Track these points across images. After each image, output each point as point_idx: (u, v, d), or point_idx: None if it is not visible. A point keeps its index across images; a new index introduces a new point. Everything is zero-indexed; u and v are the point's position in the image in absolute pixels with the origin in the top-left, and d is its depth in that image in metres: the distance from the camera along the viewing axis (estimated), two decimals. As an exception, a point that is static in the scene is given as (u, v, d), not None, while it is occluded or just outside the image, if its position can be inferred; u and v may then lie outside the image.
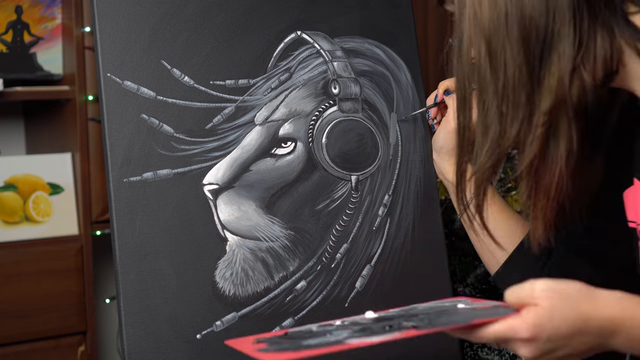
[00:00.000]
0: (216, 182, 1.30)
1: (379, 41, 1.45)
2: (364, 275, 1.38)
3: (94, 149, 2.04)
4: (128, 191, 1.25)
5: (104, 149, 1.25)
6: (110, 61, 1.26)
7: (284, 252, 1.33)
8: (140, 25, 1.28)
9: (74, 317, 2.02)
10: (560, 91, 0.91)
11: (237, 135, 1.33)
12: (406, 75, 1.46)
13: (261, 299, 1.31)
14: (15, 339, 1.97)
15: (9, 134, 2.25)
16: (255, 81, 1.35)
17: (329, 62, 1.40)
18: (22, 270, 1.96)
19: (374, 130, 1.42)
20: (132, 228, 1.24)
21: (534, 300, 0.89)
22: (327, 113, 1.39)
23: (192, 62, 1.31)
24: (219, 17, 1.33)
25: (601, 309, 0.88)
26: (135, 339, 1.22)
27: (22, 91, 2.02)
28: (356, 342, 0.89)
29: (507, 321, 0.88)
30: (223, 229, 1.30)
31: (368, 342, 0.89)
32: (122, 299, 1.22)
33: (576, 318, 0.88)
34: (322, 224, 1.36)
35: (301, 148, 1.36)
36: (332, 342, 0.90)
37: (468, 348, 1.73)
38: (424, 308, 1.02)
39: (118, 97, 1.26)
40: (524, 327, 0.87)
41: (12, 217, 2.00)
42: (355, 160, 1.39)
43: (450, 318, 0.93)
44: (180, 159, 1.28)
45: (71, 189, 2.06)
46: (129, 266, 1.23)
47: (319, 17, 1.41)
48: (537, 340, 0.87)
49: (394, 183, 1.42)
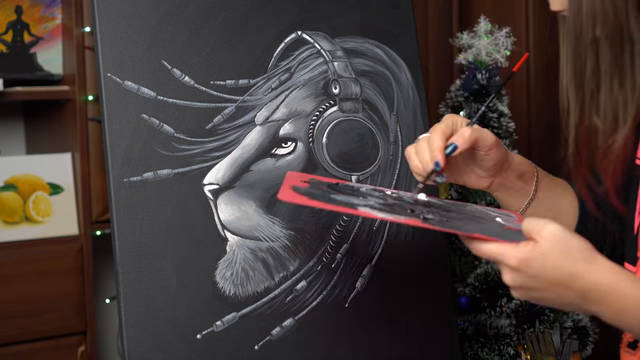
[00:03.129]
0: (216, 182, 1.30)
1: (380, 41, 1.45)
2: (364, 275, 1.38)
3: (94, 149, 2.04)
4: (128, 191, 1.24)
5: (104, 149, 1.25)
6: (110, 61, 1.26)
7: (284, 252, 1.33)
8: (141, 25, 1.28)
9: (74, 317, 2.02)
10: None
11: (238, 135, 1.32)
12: (406, 75, 1.46)
13: (261, 299, 1.31)
14: (15, 339, 1.96)
15: (9, 134, 2.25)
16: (256, 81, 1.35)
17: (329, 62, 1.40)
18: (22, 270, 1.96)
19: (375, 130, 1.42)
20: (132, 228, 1.24)
21: (539, 237, 0.91)
22: (328, 113, 1.39)
23: (192, 62, 1.31)
24: (219, 17, 1.33)
25: (592, 273, 0.90)
26: (135, 339, 1.22)
27: (22, 91, 2.02)
28: (363, 211, 0.96)
29: (502, 245, 0.92)
30: (223, 229, 1.30)
31: (372, 214, 0.96)
32: (122, 299, 1.22)
33: (566, 271, 0.90)
34: (322, 224, 1.36)
35: (301, 148, 1.36)
36: (342, 202, 0.98)
37: (468, 348, 1.73)
38: (469, 209, 1.06)
39: (118, 97, 1.26)
40: (514, 255, 0.90)
41: (12, 217, 1.99)
42: (356, 160, 1.39)
43: (463, 225, 0.97)
44: (180, 159, 1.28)
45: (71, 189, 2.06)
46: (129, 266, 1.23)
47: (320, 17, 1.41)
48: (521, 272, 0.90)
49: (394, 183, 1.42)
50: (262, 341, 1.30)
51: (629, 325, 0.91)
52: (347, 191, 1.05)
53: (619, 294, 0.89)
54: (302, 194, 0.99)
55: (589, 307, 0.91)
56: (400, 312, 1.40)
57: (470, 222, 0.99)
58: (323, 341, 1.34)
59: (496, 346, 1.72)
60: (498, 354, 1.72)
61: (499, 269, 0.94)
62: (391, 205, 1.01)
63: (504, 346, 1.72)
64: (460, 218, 1.01)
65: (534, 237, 0.91)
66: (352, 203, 0.99)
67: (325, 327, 1.34)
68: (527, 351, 1.64)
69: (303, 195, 0.99)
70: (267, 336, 1.30)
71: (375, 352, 1.37)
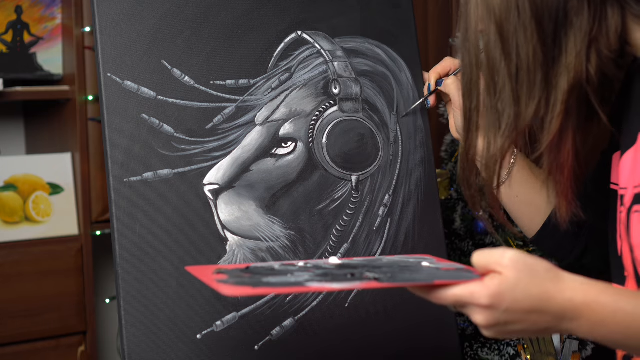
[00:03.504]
0: (216, 182, 1.30)
1: (380, 41, 1.45)
2: (364, 275, 1.38)
3: (94, 149, 2.04)
4: (128, 191, 1.25)
5: (104, 149, 1.25)
6: (110, 61, 1.26)
7: (284, 252, 1.33)
8: (141, 25, 1.28)
9: (74, 317, 2.02)
10: (578, 67, 0.91)
11: (238, 135, 1.32)
12: (407, 75, 1.46)
13: (261, 299, 1.31)
14: (15, 339, 1.96)
15: (9, 134, 2.25)
16: (256, 81, 1.35)
17: (329, 62, 1.40)
18: (22, 270, 1.96)
19: (375, 130, 1.42)
20: (132, 228, 1.24)
21: (501, 268, 0.87)
22: (328, 113, 1.39)
23: (192, 62, 1.31)
24: (219, 17, 1.33)
25: (565, 291, 0.88)
26: (135, 339, 1.22)
27: (22, 91, 2.02)
28: (316, 286, 0.87)
29: (468, 285, 0.87)
30: (223, 229, 1.30)
31: (328, 287, 0.88)
32: (122, 299, 1.22)
33: (538, 295, 0.87)
34: (322, 224, 1.36)
35: (301, 148, 1.36)
36: (292, 282, 0.89)
37: (468, 348, 1.73)
38: (388, 261, 1.01)
39: (118, 97, 1.26)
40: (485, 293, 0.86)
41: (12, 217, 2.00)
42: (356, 160, 1.39)
43: (412, 275, 0.91)
44: (180, 159, 1.28)
45: (71, 189, 2.06)
46: (129, 266, 1.23)
47: (320, 17, 1.41)
48: (494, 309, 0.86)
49: (395, 183, 1.42)
50: (262, 341, 1.30)
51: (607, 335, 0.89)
52: (267, 272, 0.95)
53: (594, 305, 0.87)
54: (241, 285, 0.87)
55: (566, 326, 0.88)
56: (400, 312, 1.40)
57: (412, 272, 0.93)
58: (323, 341, 1.34)
59: (496, 346, 1.72)
60: (498, 354, 1.72)
61: (468, 315, 0.89)
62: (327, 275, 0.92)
63: (504, 346, 1.72)
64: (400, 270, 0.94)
65: (495, 269, 0.87)
66: (293, 282, 0.89)
67: (325, 327, 1.34)
68: (527, 351, 1.64)
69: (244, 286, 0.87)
70: (267, 336, 1.30)
71: (375, 352, 1.37)
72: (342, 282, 0.89)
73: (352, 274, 0.92)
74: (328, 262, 0.99)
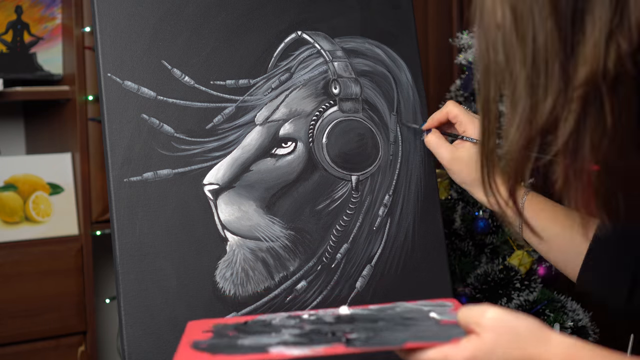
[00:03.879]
0: (216, 182, 1.30)
1: (380, 41, 1.45)
2: (364, 275, 1.38)
3: (94, 149, 2.04)
4: (128, 191, 1.25)
5: (104, 149, 1.25)
6: (110, 61, 1.26)
7: (284, 252, 1.33)
8: (141, 25, 1.28)
9: (74, 317, 2.02)
10: (595, 59, 0.82)
11: (238, 135, 1.32)
12: (406, 75, 1.46)
13: (261, 299, 1.31)
14: (15, 339, 1.97)
15: (9, 134, 2.25)
16: (256, 81, 1.35)
17: (329, 62, 1.40)
18: (22, 270, 1.96)
19: (375, 131, 1.42)
20: (132, 228, 1.24)
21: (479, 328, 0.83)
22: (328, 113, 1.39)
23: (192, 62, 1.31)
24: (219, 17, 1.33)
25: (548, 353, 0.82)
26: (135, 339, 1.22)
27: (22, 91, 2.02)
28: (275, 353, 0.85)
29: (442, 348, 0.83)
30: (223, 229, 1.30)
31: (285, 354, 0.85)
32: (122, 299, 1.22)
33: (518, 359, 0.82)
34: (322, 224, 1.36)
35: (301, 148, 1.36)
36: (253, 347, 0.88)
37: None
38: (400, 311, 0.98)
39: (118, 97, 1.26)
40: (459, 357, 0.82)
41: (12, 217, 2.00)
42: (356, 160, 1.39)
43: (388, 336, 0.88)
44: (180, 159, 1.28)
45: (71, 189, 2.06)
46: (129, 266, 1.23)
47: (320, 17, 1.41)
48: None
49: (395, 183, 1.42)
50: (262, 341, 1.30)
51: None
52: (258, 329, 0.95)
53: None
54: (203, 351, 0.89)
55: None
56: (400, 312, 1.40)
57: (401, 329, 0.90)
58: (323, 341, 1.34)
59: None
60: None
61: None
62: (308, 334, 0.91)
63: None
64: (390, 327, 0.91)
65: (474, 329, 0.83)
66: (262, 345, 0.89)
67: (325, 327, 1.34)
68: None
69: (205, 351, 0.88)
70: (267, 336, 1.30)
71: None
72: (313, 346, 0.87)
73: (333, 332, 0.90)
74: (336, 311, 0.97)
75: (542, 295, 1.79)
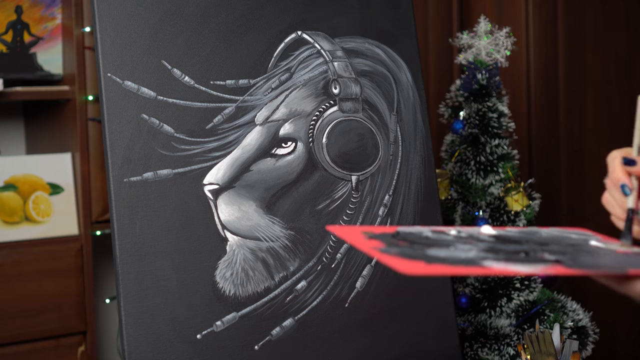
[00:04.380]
0: (216, 182, 1.30)
1: (380, 41, 1.45)
2: (364, 275, 1.38)
3: (94, 149, 2.04)
4: (128, 191, 1.24)
5: (104, 149, 1.25)
6: (110, 61, 1.26)
7: (284, 252, 1.33)
8: (141, 25, 1.28)
9: (74, 317, 2.02)
10: None
11: (238, 135, 1.32)
12: (406, 75, 1.46)
13: (261, 299, 1.31)
14: (15, 339, 1.96)
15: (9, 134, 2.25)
16: (256, 81, 1.35)
17: (329, 62, 1.40)
18: (22, 270, 1.96)
19: (375, 130, 1.42)
20: (132, 228, 1.24)
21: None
22: (328, 113, 1.39)
23: (192, 62, 1.31)
24: (219, 17, 1.33)
25: None
26: (135, 339, 1.22)
27: (22, 91, 2.02)
28: (498, 268, 0.72)
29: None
30: (223, 229, 1.30)
31: (512, 270, 0.72)
32: (122, 299, 1.22)
33: None
34: (322, 224, 1.36)
35: (301, 148, 1.36)
36: (465, 260, 0.74)
37: (468, 348, 1.73)
38: (548, 235, 0.87)
39: (118, 97, 1.26)
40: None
41: (12, 217, 1.99)
42: (356, 160, 1.39)
43: (597, 260, 0.78)
44: (180, 159, 1.28)
45: (71, 189, 2.06)
46: (129, 266, 1.23)
47: (320, 17, 1.41)
48: None
49: (394, 183, 1.42)
50: (262, 341, 1.30)
51: None
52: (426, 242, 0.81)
53: None
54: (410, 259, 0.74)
55: None
56: (400, 312, 1.40)
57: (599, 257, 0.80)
58: (323, 341, 1.34)
59: (496, 346, 1.72)
60: (498, 354, 1.72)
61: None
62: (494, 251, 0.79)
63: (504, 346, 1.72)
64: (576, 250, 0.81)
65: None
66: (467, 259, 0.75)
67: (325, 327, 1.34)
68: (527, 351, 1.64)
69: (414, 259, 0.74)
70: (267, 336, 1.30)
71: (375, 352, 1.37)
72: (522, 264, 0.74)
73: (526, 252, 0.78)
74: (481, 231, 0.86)
75: (542, 295, 1.79)
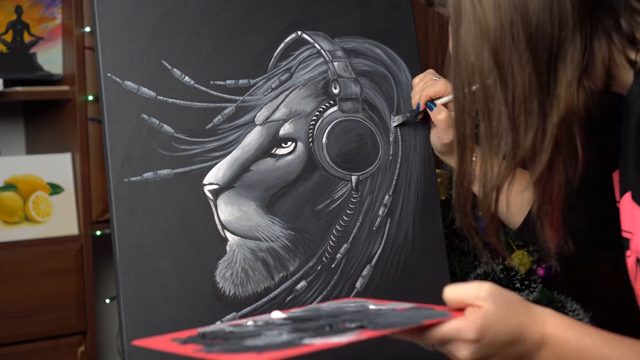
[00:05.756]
0: (216, 182, 1.30)
1: (379, 41, 1.45)
2: (364, 275, 1.38)
3: (94, 149, 2.04)
4: (128, 191, 1.25)
5: (104, 149, 1.25)
6: (110, 61, 1.26)
7: (284, 252, 1.33)
8: (141, 25, 1.28)
9: (74, 317, 2.02)
10: (569, 99, 0.91)
11: (238, 135, 1.33)
12: (406, 75, 1.46)
13: (261, 299, 1.31)
14: (15, 339, 1.97)
15: (9, 134, 2.25)
16: (256, 81, 1.35)
17: (329, 62, 1.40)
18: (22, 270, 1.96)
19: (375, 131, 1.42)
20: (132, 228, 1.24)
21: (480, 301, 0.89)
22: (328, 113, 1.39)
23: (192, 62, 1.31)
24: (219, 17, 1.33)
25: (536, 323, 0.91)
26: (135, 339, 1.22)
27: (22, 91, 2.02)
28: (320, 343, 0.80)
29: (452, 322, 0.88)
30: (223, 229, 1.30)
31: (333, 342, 0.81)
32: (122, 299, 1.22)
33: (516, 327, 0.90)
34: (322, 224, 1.36)
35: (301, 148, 1.36)
36: (285, 343, 0.80)
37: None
38: (330, 309, 0.97)
39: (118, 97, 1.26)
40: (471, 328, 0.88)
41: (12, 217, 2.00)
42: (356, 160, 1.39)
43: (392, 320, 0.89)
44: (180, 159, 1.28)
45: (71, 189, 2.06)
46: (129, 266, 1.23)
47: (319, 17, 1.41)
48: (480, 342, 0.88)
49: (394, 183, 1.42)
50: (262, 341, 1.30)
51: None
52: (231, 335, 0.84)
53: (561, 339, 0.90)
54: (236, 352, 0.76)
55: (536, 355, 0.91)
56: (400, 312, 1.40)
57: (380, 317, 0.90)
58: (323, 341, 1.34)
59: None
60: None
61: (448, 351, 0.90)
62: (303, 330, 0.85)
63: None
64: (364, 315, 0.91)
65: (474, 303, 0.89)
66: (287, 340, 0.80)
67: (325, 327, 1.34)
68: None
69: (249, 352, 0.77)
70: (267, 336, 1.30)
71: (375, 352, 1.37)
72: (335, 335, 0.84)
73: (330, 325, 0.88)
74: (272, 317, 0.93)
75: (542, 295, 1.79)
